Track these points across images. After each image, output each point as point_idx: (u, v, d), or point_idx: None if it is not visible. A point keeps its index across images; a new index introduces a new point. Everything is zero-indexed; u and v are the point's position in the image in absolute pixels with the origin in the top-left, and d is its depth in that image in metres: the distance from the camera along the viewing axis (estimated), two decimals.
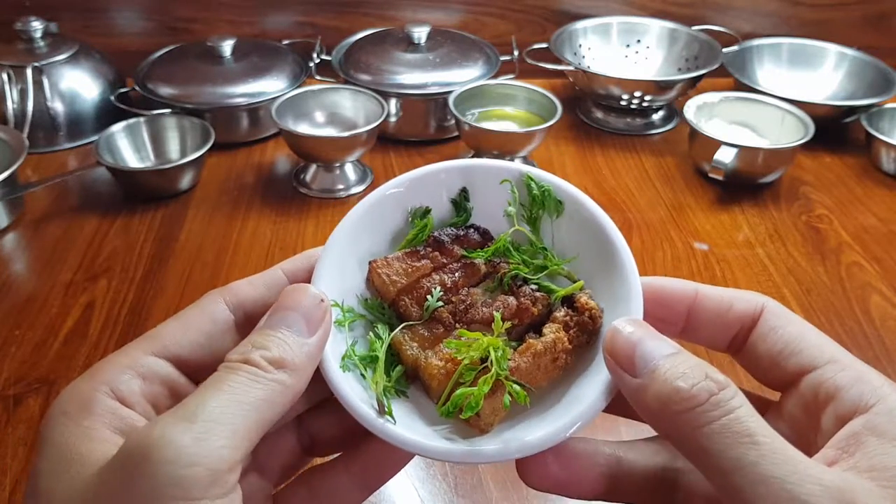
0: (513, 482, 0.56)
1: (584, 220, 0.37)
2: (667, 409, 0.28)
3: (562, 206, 0.38)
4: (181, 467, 0.26)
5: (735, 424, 0.27)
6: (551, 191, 0.38)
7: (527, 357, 0.34)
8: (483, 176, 0.39)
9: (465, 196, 0.40)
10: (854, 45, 1.13)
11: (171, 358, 0.33)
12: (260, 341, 0.30)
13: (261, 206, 0.88)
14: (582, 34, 1.14)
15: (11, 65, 0.94)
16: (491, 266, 0.38)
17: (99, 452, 0.28)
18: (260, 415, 0.28)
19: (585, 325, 0.35)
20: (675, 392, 0.28)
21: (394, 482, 0.56)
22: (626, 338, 0.30)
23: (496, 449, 0.32)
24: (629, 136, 1.06)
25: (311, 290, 0.33)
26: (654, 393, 0.28)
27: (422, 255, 0.38)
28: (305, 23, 1.18)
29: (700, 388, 0.27)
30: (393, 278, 0.37)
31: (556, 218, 0.38)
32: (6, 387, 0.62)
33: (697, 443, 0.27)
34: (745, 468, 0.26)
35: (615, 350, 0.30)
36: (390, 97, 0.97)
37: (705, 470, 0.27)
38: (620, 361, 0.30)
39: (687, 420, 0.27)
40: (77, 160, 0.96)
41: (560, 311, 0.36)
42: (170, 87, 0.98)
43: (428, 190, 0.39)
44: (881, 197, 0.93)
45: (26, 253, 0.80)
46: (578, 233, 0.37)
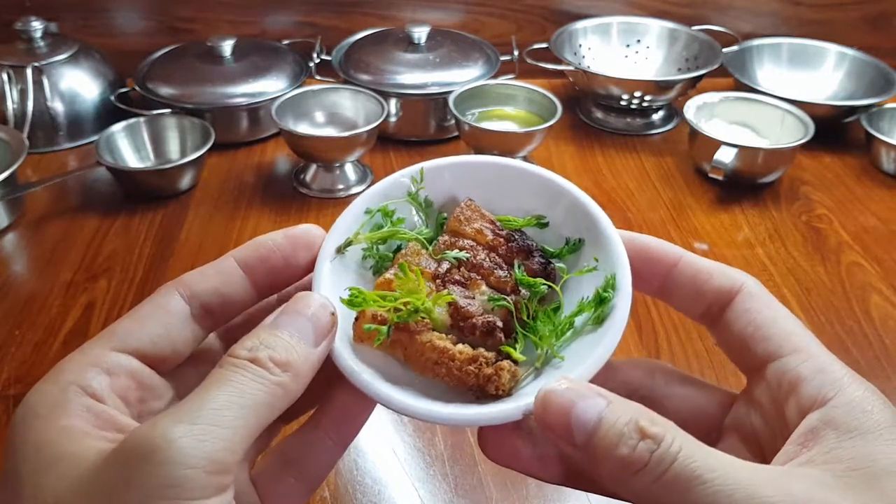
0: (513, 482, 0.56)
1: (573, 208, 0.38)
2: (618, 478, 0.28)
3: (604, 317, 0.36)
4: (181, 468, 0.26)
5: (681, 472, 0.27)
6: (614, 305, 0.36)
7: (424, 337, 0.34)
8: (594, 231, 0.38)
9: (578, 246, 0.39)
10: (854, 45, 1.13)
11: (132, 352, 0.32)
12: (269, 340, 0.31)
13: (261, 206, 0.88)
14: (582, 34, 1.14)
15: (11, 65, 0.94)
16: (514, 287, 0.38)
17: (89, 447, 0.28)
18: (258, 418, 0.29)
19: (483, 375, 0.34)
20: (620, 462, 0.28)
21: (394, 482, 0.56)
22: (557, 404, 0.29)
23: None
24: (629, 136, 1.06)
25: (322, 300, 0.33)
26: (602, 466, 0.28)
27: (497, 230, 0.38)
28: (305, 23, 1.18)
29: (640, 450, 0.28)
30: (463, 219, 0.38)
31: (577, 250, 0.39)
32: (6, 387, 0.62)
33: (653, 497, 0.28)
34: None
35: (547, 419, 0.30)
36: (390, 97, 0.97)
37: None
38: (559, 432, 0.29)
39: (640, 482, 0.28)
40: (77, 160, 0.96)
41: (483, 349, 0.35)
42: (170, 87, 0.98)
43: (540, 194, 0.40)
44: (881, 197, 0.93)
45: (26, 253, 0.80)
46: (572, 221, 0.39)
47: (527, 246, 0.38)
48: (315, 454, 0.36)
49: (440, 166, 0.40)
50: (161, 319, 0.33)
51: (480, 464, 0.57)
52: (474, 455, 0.58)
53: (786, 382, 0.31)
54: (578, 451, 0.29)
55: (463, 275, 0.37)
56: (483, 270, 0.37)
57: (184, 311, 0.34)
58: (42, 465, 0.28)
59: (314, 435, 0.36)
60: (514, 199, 0.40)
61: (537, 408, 0.30)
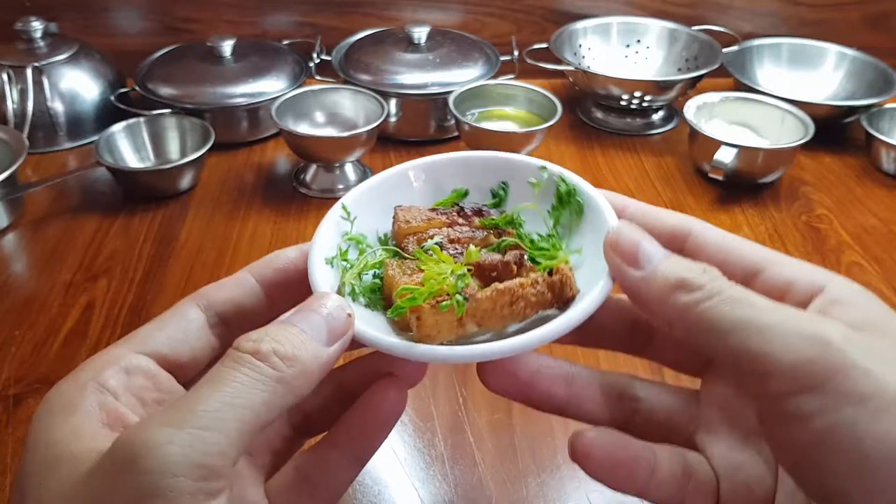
0: (513, 482, 0.56)
1: (599, 226, 0.38)
2: (671, 296, 0.31)
3: (581, 208, 0.40)
4: (166, 476, 0.25)
5: (733, 294, 0.30)
6: (575, 191, 0.40)
7: (486, 292, 0.35)
8: (524, 171, 0.42)
9: (505, 187, 0.42)
10: (854, 45, 1.13)
11: (151, 354, 0.33)
12: (276, 332, 0.30)
13: (261, 206, 0.88)
14: (582, 34, 1.14)
15: (11, 65, 0.94)
16: (498, 234, 0.40)
17: (89, 448, 0.28)
18: (257, 418, 0.28)
19: (554, 285, 0.36)
20: (680, 281, 0.31)
21: (394, 482, 0.56)
22: (629, 236, 0.33)
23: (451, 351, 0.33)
24: (629, 136, 1.06)
25: (340, 301, 0.32)
26: (660, 282, 0.31)
27: (442, 212, 0.40)
28: (305, 23, 1.18)
29: (701, 276, 0.31)
30: (407, 219, 0.40)
31: (576, 219, 0.40)
32: (6, 387, 0.62)
33: (700, 318, 0.30)
34: (744, 326, 0.29)
35: (619, 245, 0.33)
36: (390, 97, 0.97)
37: (704, 339, 0.30)
38: (624, 256, 0.33)
39: (690, 301, 0.30)
40: (77, 160, 0.96)
41: (536, 274, 0.38)
42: (170, 87, 0.98)
43: (474, 174, 0.43)
44: (881, 197, 0.93)
45: (26, 253, 0.80)
46: (594, 233, 0.39)
47: (475, 208, 0.41)
48: (331, 472, 0.35)
49: (404, 169, 0.43)
50: (180, 326, 0.34)
51: (480, 464, 0.57)
52: (474, 455, 0.58)
53: (776, 290, 0.32)
54: (639, 279, 0.32)
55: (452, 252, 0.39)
56: (463, 241, 0.39)
57: (200, 319, 0.35)
58: (47, 466, 0.28)
59: (331, 452, 0.35)
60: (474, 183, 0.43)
61: (611, 239, 0.34)
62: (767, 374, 0.28)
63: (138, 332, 0.34)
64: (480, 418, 0.61)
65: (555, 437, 0.59)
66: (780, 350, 0.28)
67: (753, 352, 0.28)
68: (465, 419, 0.61)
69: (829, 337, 0.28)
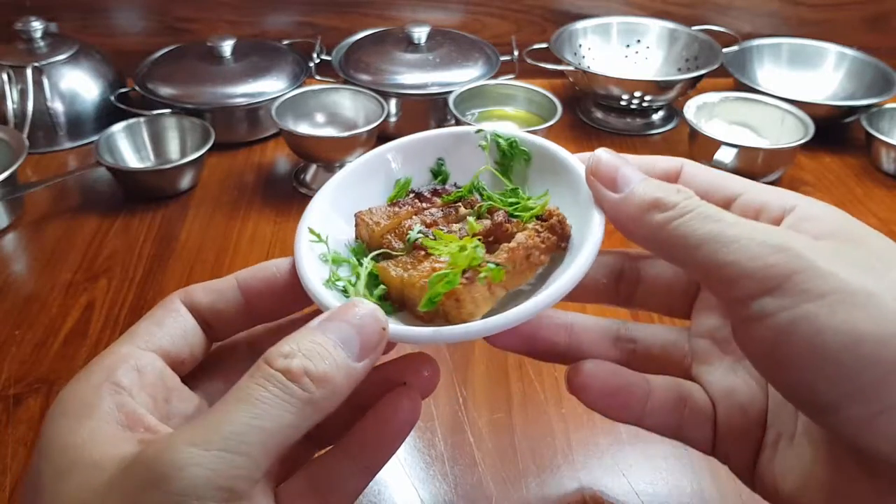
0: (513, 481, 0.56)
1: (550, 163, 0.41)
2: (646, 215, 0.33)
3: (528, 155, 0.42)
4: (190, 499, 0.25)
5: (704, 211, 0.32)
6: (517, 142, 0.42)
7: (503, 254, 0.36)
8: (456, 142, 0.43)
9: (442, 163, 0.43)
10: (854, 45, 1.13)
11: (157, 352, 0.33)
12: (308, 348, 0.29)
13: (261, 206, 0.88)
14: (582, 34, 1.14)
15: (11, 65, 0.94)
16: (468, 205, 0.41)
17: (111, 455, 0.27)
18: (283, 439, 0.27)
19: (554, 227, 0.38)
20: (655, 200, 0.33)
21: (394, 482, 0.56)
22: (608, 162, 0.36)
23: (461, 330, 0.33)
24: (629, 136, 1.06)
25: (377, 315, 0.31)
26: (637, 202, 0.34)
27: (403, 204, 0.41)
28: (305, 23, 1.18)
29: (674, 195, 0.33)
30: (376, 220, 0.40)
31: (525, 166, 0.42)
32: (6, 387, 0.62)
33: (673, 234, 0.32)
34: (712, 240, 0.31)
35: (598, 170, 0.36)
36: (390, 97, 0.97)
37: (676, 254, 0.33)
38: (603, 180, 0.35)
39: (664, 219, 0.33)
40: (77, 160, 0.96)
41: (531, 222, 0.39)
42: (170, 87, 0.98)
43: (408, 159, 0.44)
44: (881, 197, 0.93)
45: (26, 253, 0.80)
46: (548, 176, 0.41)
47: (431, 189, 0.42)
48: (342, 481, 0.34)
49: (383, 152, 0.44)
50: (177, 322, 0.34)
51: (480, 464, 0.57)
52: (474, 455, 0.58)
53: (751, 211, 0.35)
54: (617, 200, 0.35)
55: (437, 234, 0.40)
56: (438, 222, 0.40)
57: (190, 316, 0.35)
58: (63, 470, 0.27)
59: (342, 462, 0.34)
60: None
61: (591, 165, 0.36)
62: (734, 280, 0.30)
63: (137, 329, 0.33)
64: (480, 418, 0.61)
65: (555, 437, 0.59)
66: (745, 258, 0.30)
67: (721, 261, 0.31)
68: (465, 419, 0.61)
69: (789, 244, 0.30)
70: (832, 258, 0.30)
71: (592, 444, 0.58)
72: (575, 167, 0.40)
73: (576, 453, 0.58)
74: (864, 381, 0.28)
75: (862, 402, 0.28)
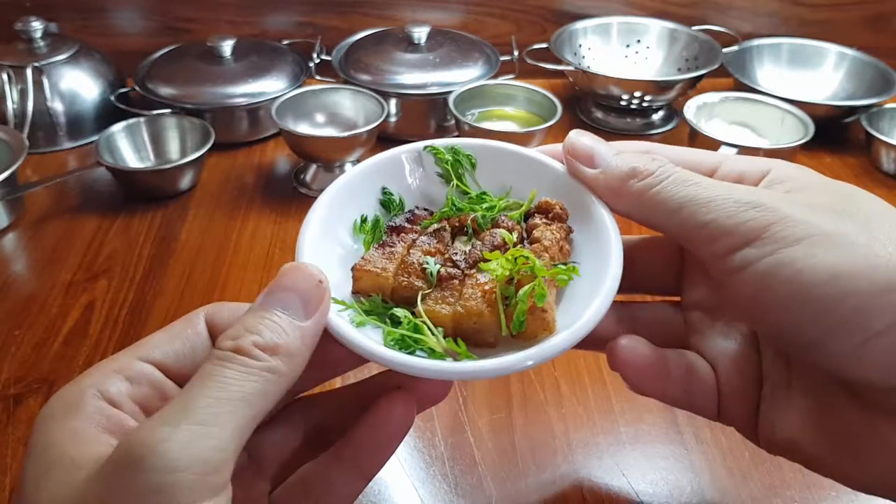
0: (513, 481, 0.56)
1: (499, 157, 0.42)
2: (625, 184, 0.36)
3: (473, 157, 0.42)
4: (165, 474, 0.25)
5: (680, 176, 0.34)
6: (458, 148, 0.42)
7: (545, 255, 0.37)
8: (399, 166, 0.43)
9: (387, 192, 0.42)
10: (854, 45, 1.13)
11: (157, 364, 0.33)
12: (253, 324, 0.30)
13: (261, 206, 0.88)
14: (582, 34, 1.14)
15: (11, 65, 0.94)
16: (453, 223, 0.41)
17: (89, 454, 0.28)
18: (252, 409, 0.28)
19: (559, 216, 0.39)
20: (632, 170, 0.35)
21: (394, 482, 0.56)
22: (584, 143, 0.38)
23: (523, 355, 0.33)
24: (629, 136, 1.06)
25: (309, 270, 0.32)
26: (616, 174, 0.36)
27: (388, 242, 0.39)
28: (305, 23, 1.18)
29: (650, 164, 0.35)
30: (381, 266, 0.38)
31: (474, 170, 0.43)
32: (6, 387, 0.62)
33: (653, 200, 0.34)
34: (690, 202, 0.33)
35: (576, 150, 0.38)
36: (390, 97, 0.97)
37: (658, 219, 0.35)
38: (580, 158, 0.38)
39: (643, 187, 0.35)
40: (77, 160, 0.96)
41: (533, 219, 0.40)
42: (170, 87, 0.98)
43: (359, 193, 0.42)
44: (881, 197, 0.93)
45: (26, 253, 0.80)
46: (502, 171, 0.42)
47: (405, 218, 0.41)
48: (337, 486, 0.35)
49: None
50: (189, 337, 0.34)
51: (480, 464, 0.57)
52: (474, 455, 0.58)
53: (731, 179, 0.37)
54: (597, 174, 0.37)
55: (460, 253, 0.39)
56: (435, 249, 0.39)
57: (206, 334, 0.34)
58: (45, 468, 0.28)
59: (336, 465, 0.35)
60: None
61: (568, 146, 0.39)
62: (714, 237, 0.32)
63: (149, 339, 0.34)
64: (480, 418, 0.61)
65: (555, 436, 0.59)
66: (723, 216, 0.32)
67: (700, 221, 0.33)
68: (465, 419, 0.61)
69: (763, 199, 0.32)
70: (805, 208, 0.32)
71: (592, 444, 0.58)
72: (535, 157, 0.41)
73: (576, 453, 0.58)
74: (844, 313, 0.29)
75: (845, 334, 0.30)
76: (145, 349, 0.33)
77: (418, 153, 0.43)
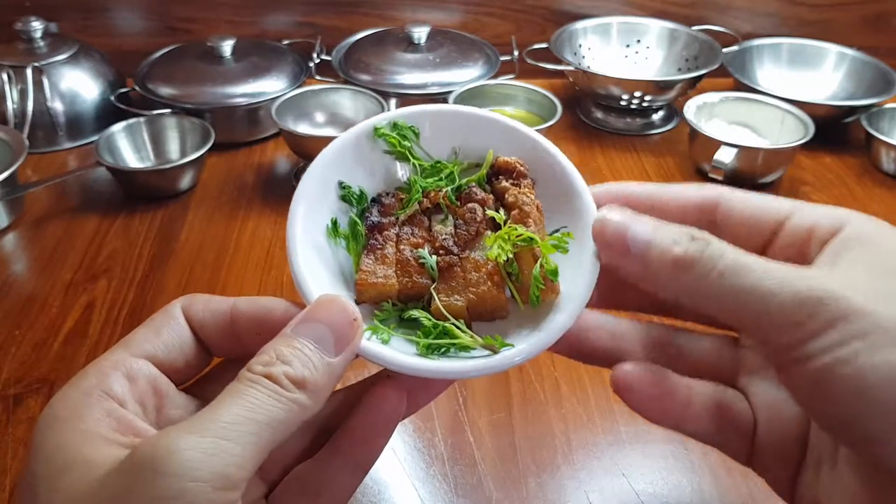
0: (513, 481, 0.56)
1: (441, 123, 0.42)
2: (671, 275, 0.32)
3: (415, 127, 0.42)
4: (185, 481, 0.26)
5: (729, 265, 0.31)
6: (400, 123, 0.42)
7: (529, 221, 0.37)
8: (352, 152, 0.43)
9: (344, 186, 0.42)
10: (854, 45, 1.13)
11: (150, 359, 0.33)
12: (285, 354, 0.30)
13: (261, 206, 0.88)
14: (582, 34, 1.14)
15: (11, 65, 0.94)
16: (424, 206, 0.41)
17: (104, 455, 0.28)
18: (274, 435, 0.28)
19: (522, 174, 0.39)
20: (674, 260, 0.32)
21: (394, 482, 0.56)
22: (615, 226, 0.34)
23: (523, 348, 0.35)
24: (629, 136, 1.06)
25: (345, 306, 0.32)
26: (656, 265, 0.32)
27: (376, 245, 0.39)
28: (305, 23, 1.18)
29: (693, 249, 0.32)
30: (386, 274, 0.38)
31: (419, 139, 0.42)
32: (6, 387, 0.62)
33: (703, 291, 0.31)
34: (752, 291, 0.30)
35: (606, 237, 0.34)
36: (390, 97, 0.97)
37: (713, 309, 0.32)
38: (618, 250, 0.34)
39: (690, 277, 0.32)
40: (77, 160, 0.96)
41: (498, 182, 0.40)
42: (170, 87, 0.98)
43: (321, 197, 0.42)
44: (881, 197, 0.93)
45: (26, 253, 0.80)
46: (446, 135, 0.42)
47: (379, 211, 0.41)
48: (334, 480, 0.35)
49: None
50: (174, 330, 0.34)
51: (480, 464, 0.57)
52: (474, 455, 0.58)
53: (801, 236, 0.34)
54: (634, 261, 0.33)
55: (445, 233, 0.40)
56: (425, 235, 0.40)
57: (187, 327, 0.35)
58: (58, 469, 0.28)
59: (333, 460, 0.35)
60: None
61: (596, 232, 0.34)
62: (771, 332, 0.30)
63: (134, 335, 0.34)
64: (480, 418, 0.61)
65: (555, 436, 0.59)
66: (780, 313, 0.30)
67: (753, 318, 0.30)
68: (465, 419, 0.61)
69: (826, 291, 0.29)
70: (871, 295, 0.29)
71: (592, 444, 0.58)
72: (474, 114, 0.41)
73: (576, 453, 0.58)
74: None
75: None
76: (136, 345, 0.33)
77: (363, 136, 0.43)
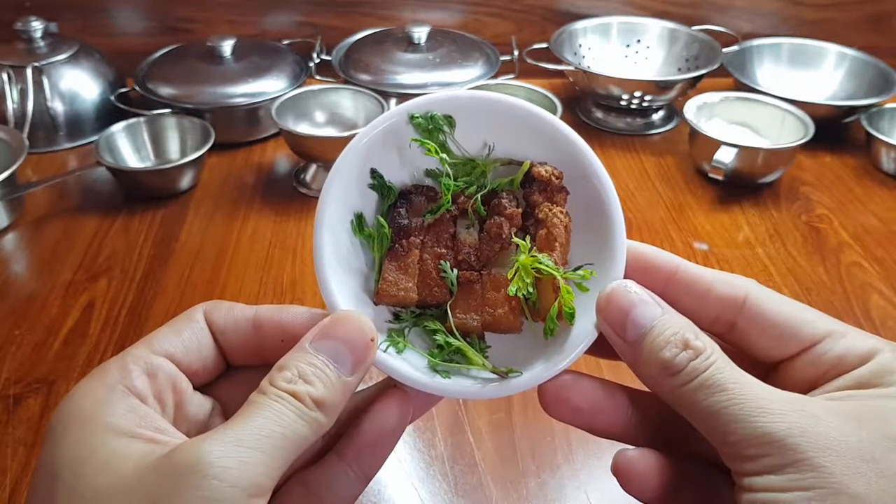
0: (513, 481, 0.56)
1: (479, 112, 0.38)
2: (654, 376, 0.32)
3: (452, 120, 0.39)
4: (225, 485, 0.27)
5: (708, 380, 0.31)
6: (435, 115, 0.38)
7: (556, 245, 0.37)
8: (383, 139, 0.39)
9: (378, 175, 0.39)
10: (854, 45, 1.13)
11: (170, 357, 0.33)
12: (308, 373, 0.31)
13: (261, 206, 0.88)
14: (582, 34, 1.14)
15: (11, 65, 0.94)
16: (454, 214, 0.39)
17: (128, 449, 0.28)
18: (297, 449, 0.30)
19: (556, 187, 0.38)
20: (660, 363, 0.32)
21: (394, 482, 0.56)
22: (619, 302, 0.33)
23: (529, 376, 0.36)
24: (629, 136, 1.06)
25: (364, 325, 0.33)
26: (644, 363, 0.33)
27: (400, 251, 0.38)
28: (305, 23, 1.18)
29: (681, 358, 0.31)
30: (406, 287, 0.38)
31: (453, 129, 0.39)
32: (6, 387, 0.62)
33: (681, 399, 0.31)
34: (718, 413, 0.30)
35: (608, 310, 0.34)
36: (390, 97, 0.97)
37: (691, 419, 0.32)
38: (614, 327, 0.34)
39: (672, 383, 0.32)
40: (77, 160, 0.96)
41: (531, 191, 0.38)
42: (170, 87, 0.98)
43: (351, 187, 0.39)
44: (881, 197, 0.93)
45: (26, 253, 0.80)
46: (482, 125, 0.38)
47: (406, 213, 0.39)
48: (337, 487, 0.35)
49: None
50: (194, 332, 0.35)
51: (480, 464, 0.57)
52: (474, 455, 0.58)
53: (826, 363, 0.33)
54: (627, 346, 0.33)
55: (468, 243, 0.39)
56: (448, 247, 0.39)
57: (208, 332, 0.35)
58: (82, 459, 0.28)
59: (337, 467, 0.35)
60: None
61: (602, 300, 0.34)
62: (725, 454, 0.30)
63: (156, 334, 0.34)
64: (480, 418, 0.61)
65: (555, 436, 0.59)
66: (734, 441, 0.29)
67: (714, 436, 0.30)
68: (465, 419, 0.61)
69: (781, 435, 0.29)
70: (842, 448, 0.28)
71: (592, 444, 0.58)
72: (515, 104, 0.37)
73: (576, 453, 0.58)
74: None
75: None
76: (157, 343, 0.33)
77: (399, 122, 0.39)
